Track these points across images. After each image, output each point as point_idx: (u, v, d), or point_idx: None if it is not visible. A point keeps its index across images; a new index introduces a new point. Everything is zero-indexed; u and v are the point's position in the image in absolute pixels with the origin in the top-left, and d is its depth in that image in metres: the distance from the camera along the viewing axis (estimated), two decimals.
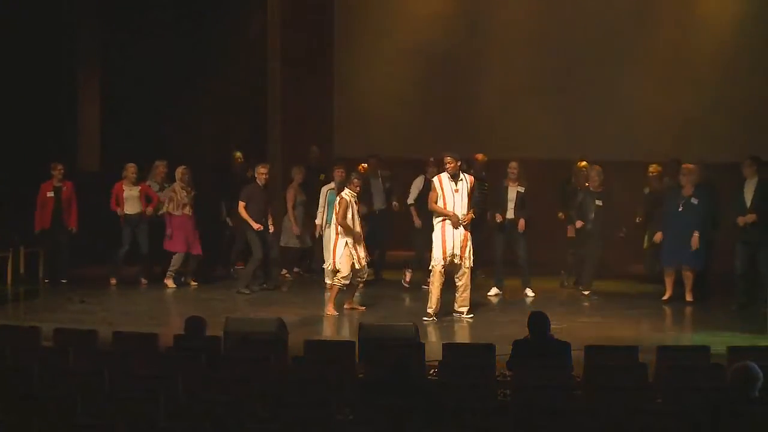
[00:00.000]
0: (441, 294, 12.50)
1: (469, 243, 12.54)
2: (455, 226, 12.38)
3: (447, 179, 12.52)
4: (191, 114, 16.70)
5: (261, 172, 14.30)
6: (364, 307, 13.22)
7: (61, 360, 9.10)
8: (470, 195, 12.55)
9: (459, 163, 12.61)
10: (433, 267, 12.56)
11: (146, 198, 14.82)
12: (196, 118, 16.73)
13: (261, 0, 17.42)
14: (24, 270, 14.78)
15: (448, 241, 12.42)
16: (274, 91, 17.68)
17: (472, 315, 12.73)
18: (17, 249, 14.70)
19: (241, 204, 14.23)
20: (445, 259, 12.44)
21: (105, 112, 16.59)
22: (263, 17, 16.49)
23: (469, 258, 12.57)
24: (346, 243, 12.79)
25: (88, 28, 16.51)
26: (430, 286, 12.68)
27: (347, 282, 12.85)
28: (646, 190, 14.80)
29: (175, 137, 16.03)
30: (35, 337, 10.14)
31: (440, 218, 12.51)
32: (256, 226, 14.11)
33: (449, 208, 12.46)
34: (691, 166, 13.70)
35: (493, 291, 14.10)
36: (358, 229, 12.91)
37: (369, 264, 13.55)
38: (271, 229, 14.39)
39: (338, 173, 14.20)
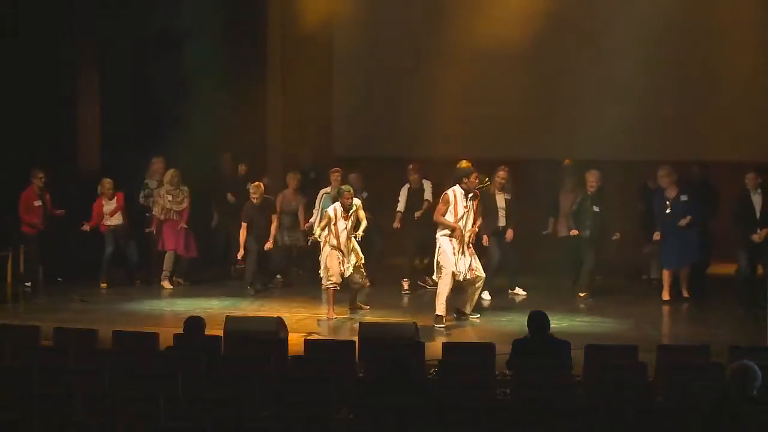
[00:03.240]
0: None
1: (474, 255, 12.36)
2: (459, 240, 12.09)
3: (461, 196, 12.16)
4: (191, 114, 16.68)
5: (252, 193, 14.25)
6: (368, 306, 13.21)
7: (61, 359, 9.10)
8: (476, 211, 12.36)
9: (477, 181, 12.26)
10: (443, 270, 12.21)
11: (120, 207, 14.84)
12: (196, 118, 16.72)
13: (261, 1, 17.45)
14: (24, 269, 14.76)
15: (458, 257, 12.17)
16: (274, 91, 17.71)
17: (478, 315, 12.71)
18: (17, 248, 14.68)
19: (244, 225, 14.19)
20: (456, 265, 12.18)
21: (105, 112, 16.57)
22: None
23: (479, 266, 12.42)
24: (332, 247, 12.77)
25: (87, 27, 16.48)
26: (441, 289, 12.25)
27: (337, 282, 12.77)
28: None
29: (175, 137, 16.02)
30: (35, 336, 10.14)
31: (445, 235, 12.20)
32: (240, 254, 14.20)
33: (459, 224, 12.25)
34: (666, 167, 13.69)
35: (486, 295, 14.03)
36: (345, 241, 12.71)
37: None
38: (268, 246, 14.26)
39: (335, 176, 14.24)
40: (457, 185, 12.22)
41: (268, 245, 14.26)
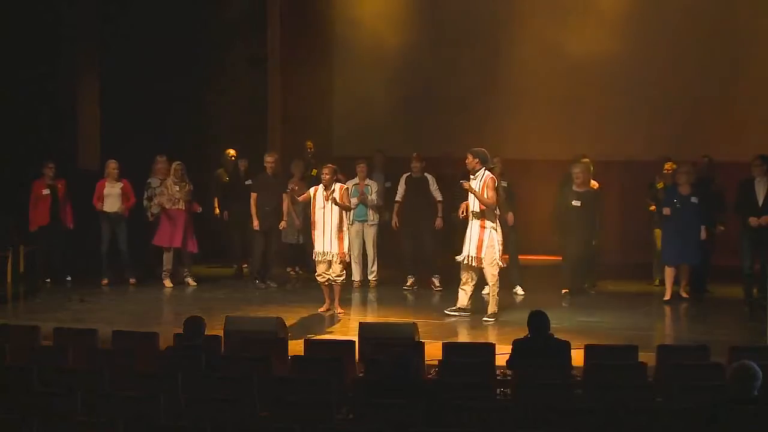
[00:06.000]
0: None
1: (486, 243, 12.37)
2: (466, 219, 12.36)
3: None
4: (191, 113, 16.70)
5: (268, 161, 14.37)
6: (342, 311, 12.92)
7: (61, 359, 9.10)
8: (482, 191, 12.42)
9: (477, 161, 12.46)
10: (494, 267, 12.42)
11: (126, 196, 14.78)
12: (196, 118, 16.75)
13: (261, 1, 17.46)
14: (24, 269, 14.76)
15: (467, 241, 12.42)
16: (274, 91, 17.71)
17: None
18: (17, 248, 14.68)
19: (253, 195, 14.25)
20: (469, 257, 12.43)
21: (104, 112, 16.58)
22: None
23: (485, 257, 12.44)
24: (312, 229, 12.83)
25: (87, 28, 16.49)
26: (464, 286, 12.56)
27: (323, 276, 12.77)
28: (660, 185, 14.52)
29: (175, 137, 16.03)
30: (35, 336, 10.14)
31: (492, 224, 12.40)
32: (255, 224, 14.15)
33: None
34: (686, 164, 13.69)
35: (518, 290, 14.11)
36: (323, 222, 12.64)
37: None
38: (282, 225, 14.30)
39: (360, 168, 14.61)
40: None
41: (282, 225, 14.27)
